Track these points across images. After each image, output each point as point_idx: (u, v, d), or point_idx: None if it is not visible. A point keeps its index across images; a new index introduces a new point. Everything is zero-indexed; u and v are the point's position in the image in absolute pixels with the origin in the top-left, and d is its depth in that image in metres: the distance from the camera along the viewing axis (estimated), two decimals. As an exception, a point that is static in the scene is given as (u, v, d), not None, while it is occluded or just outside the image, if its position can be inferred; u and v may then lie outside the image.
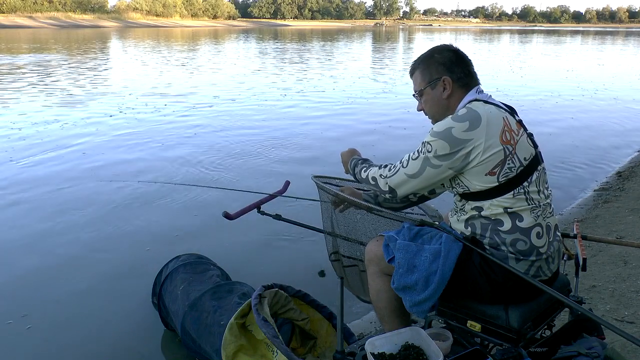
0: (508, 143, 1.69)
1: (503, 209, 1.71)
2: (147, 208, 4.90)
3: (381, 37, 56.07)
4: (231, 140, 7.60)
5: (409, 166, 1.78)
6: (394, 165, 1.83)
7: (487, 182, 1.70)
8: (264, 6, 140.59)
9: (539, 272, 1.76)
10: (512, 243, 1.72)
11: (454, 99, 1.82)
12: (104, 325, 3.06)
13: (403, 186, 1.81)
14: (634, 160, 6.97)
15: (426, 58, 1.87)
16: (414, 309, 1.80)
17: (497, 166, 1.68)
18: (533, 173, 1.73)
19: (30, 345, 2.88)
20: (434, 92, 1.84)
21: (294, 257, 3.92)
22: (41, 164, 6.28)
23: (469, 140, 1.67)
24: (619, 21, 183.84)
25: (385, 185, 1.83)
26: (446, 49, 1.87)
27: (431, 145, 1.72)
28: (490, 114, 1.71)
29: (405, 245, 1.81)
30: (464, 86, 1.82)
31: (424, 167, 1.74)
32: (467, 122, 1.68)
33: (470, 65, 1.85)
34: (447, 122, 1.71)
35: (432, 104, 1.86)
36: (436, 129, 1.72)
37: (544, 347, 1.76)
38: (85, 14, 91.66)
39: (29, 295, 3.38)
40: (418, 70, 1.88)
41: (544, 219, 1.75)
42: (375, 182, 1.87)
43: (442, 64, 1.82)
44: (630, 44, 44.58)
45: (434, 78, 1.83)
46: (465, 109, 1.74)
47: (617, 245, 3.62)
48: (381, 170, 1.86)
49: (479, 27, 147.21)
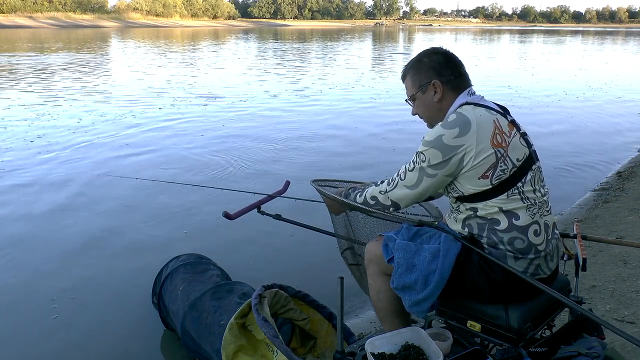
0: (499, 146, 1.68)
1: (498, 208, 1.71)
2: (146, 207, 4.90)
3: (391, 37, 56.09)
4: (231, 140, 7.61)
5: (406, 178, 1.78)
6: (392, 179, 1.83)
7: (480, 186, 1.70)
8: (264, 6, 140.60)
9: (538, 271, 1.76)
10: (510, 241, 1.72)
11: (446, 102, 1.82)
12: (104, 324, 3.06)
13: (404, 199, 1.81)
14: (634, 160, 6.97)
15: (415, 63, 1.87)
16: (414, 308, 1.80)
17: (489, 169, 1.68)
18: (527, 173, 1.73)
19: (30, 345, 2.88)
20: (425, 96, 1.84)
21: (294, 257, 3.92)
22: (46, 162, 6.29)
23: (460, 146, 1.67)
24: (619, 21, 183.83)
25: (387, 199, 1.83)
26: (435, 52, 1.86)
27: (424, 155, 1.72)
28: (480, 118, 1.70)
29: (404, 245, 1.82)
30: (455, 88, 1.81)
31: (421, 177, 1.75)
32: (457, 129, 1.68)
33: (461, 66, 1.85)
34: (437, 130, 1.72)
35: (425, 108, 1.86)
36: (427, 138, 1.73)
37: (544, 347, 1.76)
38: (85, 14, 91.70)
39: (28, 295, 3.38)
40: (408, 75, 1.89)
41: (541, 217, 1.75)
42: (375, 201, 1.85)
43: (432, 68, 1.82)
44: (631, 44, 44.56)
45: (423, 82, 1.83)
46: (455, 114, 1.73)
47: (617, 245, 3.62)
48: (380, 187, 1.85)
49: (479, 27, 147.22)
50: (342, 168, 6.24)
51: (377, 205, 1.85)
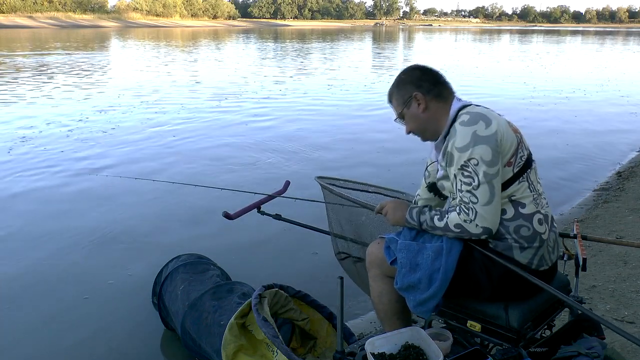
0: (516, 131, 1.76)
1: (507, 197, 1.72)
2: (146, 207, 4.90)
3: (393, 37, 56.09)
4: (233, 141, 7.61)
5: (480, 196, 1.66)
6: (466, 207, 1.69)
7: (505, 175, 1.71)
8: (264, 6, 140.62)
9: (542, 262, 1.77)
10: (516, 230, 1.72)
11: (435, 111, 1.82)
12: (104, 325, 3.06)
13: (491, 217, 1.69)
14: (634, 160, 6.97)
15: (396, 83, 1.91)
16: (419, 308, 1.80)
17: (512, 156, 1.71)
18: (533, 162, 1.79)
19: (30, 345, 2.88)
20: (410, 110, 1.85)
21: (294, 257, 3.92)
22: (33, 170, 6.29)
23: (495, 132, 1.67)
24: (619, 21, 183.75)
25: (477, 228, 1.69)
26: (411, 68, 1.91)
27: (475, 159, 1.66)
28: (490, 111, 1.76)
29: (406, 244, 1.82)
30: (438, 96, 1.83)
31: (490, 182, 1.66)
32: (481, 121, 1.69)
33: (438, 75, 1.88)
34: (465, 131, 1.68)
35: (414, 122, 1.87)
36: (461, 144, 1.67)
37: (544, 347, 1.76)
38: (85, 14, 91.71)
39: (28, 295, 3.38)
40: (393, 96, 1.91)
41: (542, 208, 1.78)
42: (461, 229, 1.71)
43: (410, 83, 1.85)
44: (631, 44, 44.57)
45: (406, 98, 1.85)
46: (466, 114, 1.72)
47: (617, 245, 3.62)
48: (462, 216, 1.70)
49: (479, 27, 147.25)
50: (349, 166, 6.24)
51: (462, 232, 1.72)
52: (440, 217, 1.77)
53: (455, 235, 1.74)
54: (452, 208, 1.75)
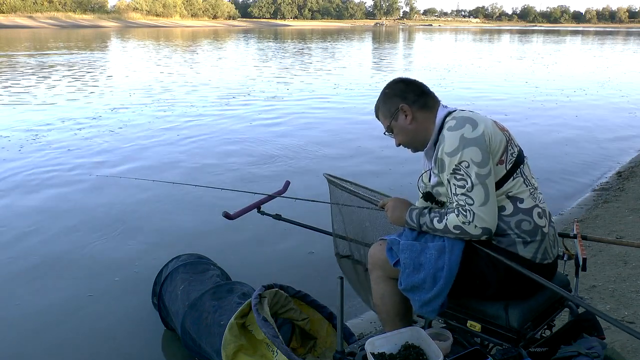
0: (504, 130, 1.79)
1: (504, 194, 1.73)
2: (146, 207, 4.90)
3: (394, 37, 56.09)
4: (233, 141, 7.62)
5: (475, 198, 1.68)
6: (463, 210, 1.70)
7: (499, 173, 1.72)
8: (264, 6, 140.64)
9: (545, 256, 1.78)
10: (517, 225, 1.73)
11: (422, 122, 1.83)
12: (104, 325, 3.06)
13: (489, 217, 1.70)
14: (634, 160, 6.96)
15: (382, 97, 1.92)
16: (424, 308, 1.79)
17: (503, 153, 1.73)
18: (524, 157, 1.82)
19: (29, 345, 2.88)
20: (398, 123, 1.87)
21: (294, 257, 3.92)
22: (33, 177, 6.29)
23: (482, 134, 1.69)
24: (619, 21, 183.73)
25: (476, 229, 1.70)
26: (395, 82, 1.93)
27: (466, 162, 1.67)
28: (475, 114, 1.78)
29: (409, 245, 1.82)
30: (424, 106, 1.84)
31: (484, 182, 1.67)
32: (467, 124, 1.70)
33: (422, 86, 1.89)
34: (453, 135, 1.69)
35: (403, 134, 1.88)
36: (450, 149, 1.68)
37: (544, 347, 1.76)
38: (86, 14, 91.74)
39: (28, 295, 3.38)
40: (380, 111, 1.93)
41: (540, 202, 1.80)
42: (460, 230, 1.72)
43: (395, 95, 1.87)
44: (631, 44, 44.56)
45: (392, 110, 1.87)
46: (452, 120, 1.74)
47: (617, 245, 3.62)
48: (460, 217, 1.71)
49: (479, 27, 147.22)
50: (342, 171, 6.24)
51: (462, 234, 1.72)
52: (440, 219, 1.77)
53: (455, 236, 1.75)
54: (451, 210, 1.76)
